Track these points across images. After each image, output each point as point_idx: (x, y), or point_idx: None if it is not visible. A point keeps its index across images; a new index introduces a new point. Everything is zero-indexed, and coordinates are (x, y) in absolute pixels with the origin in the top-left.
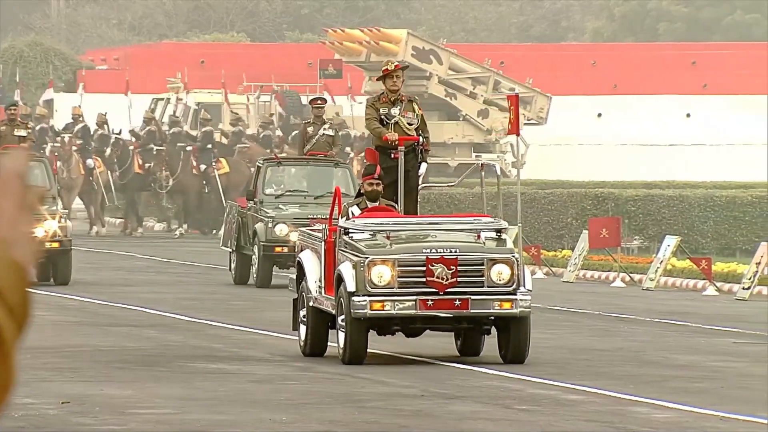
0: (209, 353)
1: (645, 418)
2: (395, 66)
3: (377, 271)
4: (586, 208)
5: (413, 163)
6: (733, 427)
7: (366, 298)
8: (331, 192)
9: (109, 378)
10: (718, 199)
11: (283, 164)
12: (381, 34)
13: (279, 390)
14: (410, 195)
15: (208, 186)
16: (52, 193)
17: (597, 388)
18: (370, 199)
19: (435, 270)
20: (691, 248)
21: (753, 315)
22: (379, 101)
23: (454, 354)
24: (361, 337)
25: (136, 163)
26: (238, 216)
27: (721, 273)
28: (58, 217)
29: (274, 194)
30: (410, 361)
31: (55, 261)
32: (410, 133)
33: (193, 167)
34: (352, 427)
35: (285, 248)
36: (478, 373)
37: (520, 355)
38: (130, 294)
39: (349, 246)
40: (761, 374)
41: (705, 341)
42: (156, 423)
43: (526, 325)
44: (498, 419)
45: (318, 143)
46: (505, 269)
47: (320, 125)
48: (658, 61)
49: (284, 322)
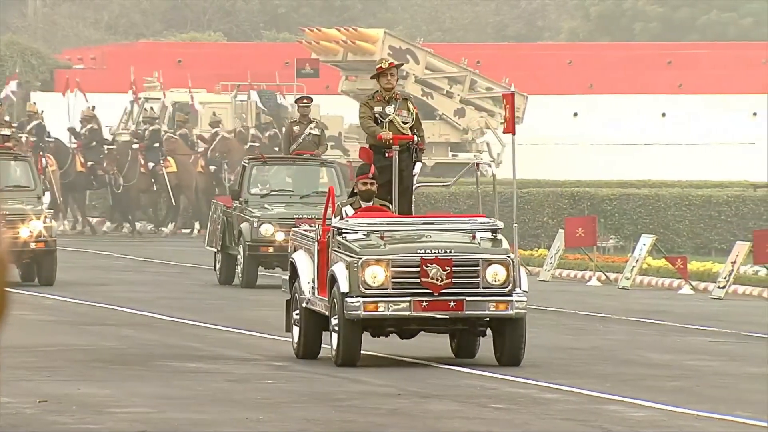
0: (186, 352)
1: (621, 417)
2: (389, 64)
3: (371, 271)
4: (562, 208)
5: (408, 163)
6: (708, 426)
7: (359, 299)
8: (317, 192)
9: (86, 377)
10: (693, 199)
11: (268, 164)
12: (358, 34)
13: (256, 389)
14: (405, 195)
15: (156, 184)
16: (36, 193)
17: (573, 386)
18: (364, 198)
19: (429, 271)
20: (666, 247)
21: (728, 314)
22: (374, 100)
23: (449, 355)
24: (354, 339)
25: (78, 162)
26: (223, 216)
27: (696, 272)
28: (43, 217)
29: (259, 194)
30: (388, 361)
31: (39, 261)
32: (405, 132)
33: (142, 166)
34: (329, 425)
35: (271, 248)
36: (455, 372)
37: (516, 357)
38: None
39: (343, 246)
40: (736, 373)
41: (680, 340)
42: (133, 422)
43: (521, 326)
44: (474, 418)
45: (304, 142)
46: (501, 270)
47: (306, 124)
48: (633, 61)
49: (262, 321)
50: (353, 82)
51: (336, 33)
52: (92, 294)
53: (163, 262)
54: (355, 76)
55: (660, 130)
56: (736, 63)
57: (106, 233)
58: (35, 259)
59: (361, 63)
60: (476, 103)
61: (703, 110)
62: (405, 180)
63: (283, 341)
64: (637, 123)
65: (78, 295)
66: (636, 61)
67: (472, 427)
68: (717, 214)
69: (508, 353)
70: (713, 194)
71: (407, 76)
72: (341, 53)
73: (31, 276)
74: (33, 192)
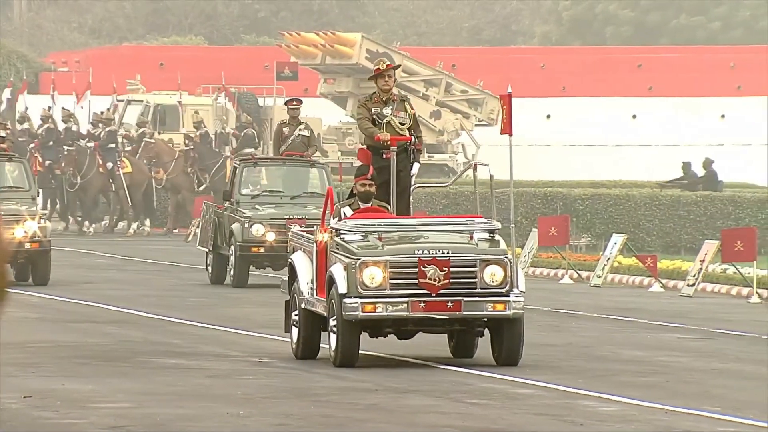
0: (168, 349)
1: (593, 411)
2: (387, 65)
3: (369, 272)
4: (535, 207)
5: (405, 164)
6: (678, 420)
7: (358, 299)
8: (307, 192)
9: (70, 373)
10: (663, 199)
11: (259, 165)
12: (336, 38)
13: (237, 385)
14: (402, 195)
15: (114, 184)
16: (31, 194)
17: (546, 382)
18: (363, 199)
19: (427, 271)
20: (637, 246)
21: (697, 311)
22: (371, 101)
23: (447, 355)
24: (352, 339)
25: (36, 162)
26: (214, 216)
27: (666, 270)
28: (38, 217)
29: (250, 194)
30: (365, 358)
31: (34, 261)
32: (402, 133)
33: (100, 166)
34: (307, 420)
35: (261, 248)
36: (431, 368)
37: (514, 357)
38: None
39: (341, 247)
40: (705, 369)
41: (651, 336)
42: (116, 417)
43: (519, 326)
44: (449, 413)
45: (294, 144)
46: (498, 270)
47: (296, 126)
48: (605, 64)
49: (243, 318)
50: (331, 84)
51: (315, 37)
52: (76, 292)
53: (145, 260)
54: (333, 79)
55: (631, 132)
56: (704, 66)
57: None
58: (30, 259)
59: (339, 66)
60: (451, 106)
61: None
62: (403, 181)
63: (263, 337)
64: (608, 125)
65: (63, 293)
66: (607, 64)
67: (448, 421)
68: (686, 214)
69: (506, 353)
70: (682, 194)
71: None
72: (320, 56)
73: (26, 276)
74: (28, 193)
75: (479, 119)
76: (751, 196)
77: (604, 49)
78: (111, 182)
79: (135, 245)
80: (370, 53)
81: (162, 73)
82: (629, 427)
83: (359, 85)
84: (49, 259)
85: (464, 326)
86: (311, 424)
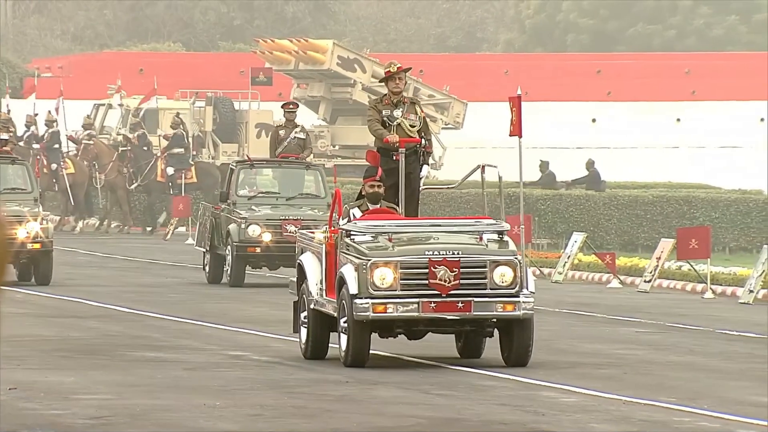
0: (147, 343)
1: (554, 402)
2: (398, 68)
3: (380, 273)
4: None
5: (415, 165)
6: (635, 410)
7: (368, 300)
8: (302, 194)
9: (53, 366)
10: (621, 199)
11: (255, 167)
12: (308, 44)
13: (213, 377)
14: (411, 197)
15: (57, 185)
16: (33, 195)
17: (509, 374)
18: (372, 201)
19: (437, 272)
20: (596, 244)
21: (654, 306)
22: (382, 103)
23: (455, 355)
24: (363, 340)
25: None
26: (211, 217)
27: (624, 267)
28: (40, 218)
29: (246, 196)
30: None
31: (36, 262)
32: (412, 135)
33: (45, 166)
34: (280, 410)
35: (258, 248)
36: (399, 360)
37: (523, 357)
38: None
39: (351, 248)
40: (661, 361)
41: (609, 330)
42: (97, 408)
43: (529, 327)
44: (417, 403)
45: (289, 146)
46: (508, 271)
47: (292, 129)
48: (565, 70)
49: (220, 313)
50: (304, 89)
51: (288, 44)
52: (59, 288)
53: (125, 258)
54: (306, 84)
55: (590, 135)
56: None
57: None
58: (32, 259)
59: (312, 72)
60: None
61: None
62: (412, 183)
63: (238, 331)
64: (568, 128)
65: (46, 290)
66: (568, 70)
67: (415, 412)
68: (643, 213)
69: (515, 354)
70: (639, 195)
71: (355, 84)
72: (293, 62)
73: (28, 276)
74: (30, 195)
75: (446, 122)
76: (705, 196)
77: (564, 55)
78: (55, 182)
79: (116, 243)
80: (341, 59)
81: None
82: (588, 416)
83: (331, 89)
84: (51, 259)
85: (474, 327)
86: (284, 414)
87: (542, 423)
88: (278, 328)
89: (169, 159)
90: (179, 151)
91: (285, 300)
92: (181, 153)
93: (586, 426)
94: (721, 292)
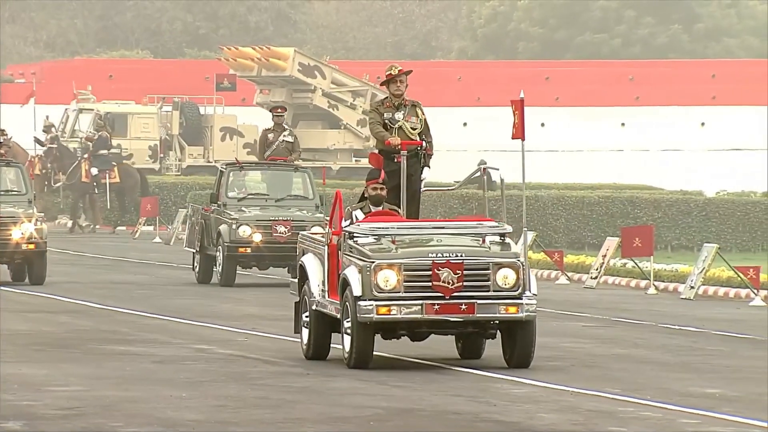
0: (117, 337)
1: (505, 393)
2: (399, 71)
3: (383, 275)
4: (453, 207)
5: (416, 168)
6: (582, 401)
7: (372, 302)
8: (290, 195)
9: (26, 359)
10: (568, 199)
11: (245, 169)
12: (271, 52)
13: (180, 370)
14: (413, 199)
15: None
16: (28, 197)
17: (463, 367)
18: (374, 203)
19: (441, 274)
20: (545, 242)
21: (599, 301)
22: (383, 105)
23: (455, 356)
24: (367, 341)
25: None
26: (201, 218)
27: (571, 264)
28: (34, 219)
29: (236, 197)
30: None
31: (30, 262)
32: (413, 138)
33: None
34: (244, 401)
35: (248, 249)
36: None
37: (526, 359)
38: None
39: (355, 250)
40: (606, 354)
41: (557, 324)
42: (69, 399)
43: (531, 329)
44: (375, 394)
45: (278, 149)
46: (511, 273)
47: (280, 132)
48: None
49: (186, 309)
50: (267, 95)
51: (251, 51)
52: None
53: (95, 255)
54: (268, 90)
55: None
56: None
57: None
58: (26, 259)
59: (274, 78)
60: None
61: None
62: (413, 185)
63: (202, 326)
64: None
65: (19, 286)
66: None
67: (373, 402)
68: (590, 213)
69: (518, 355)
70: (586, 195)
71: (315, 89)
72: (256, 69)
73: (22, 276)
74: (24, 196)
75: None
76: (648, 196)
77: (515, 63)
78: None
79: (87, 241)
80: (302, 66)
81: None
82: (537, 407)
83: (292, 95)
84: (45, 260)
85: (477, 328)
86: (247, 405)
87: (494, 413)
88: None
89: (93, 160)
90: (103, 152)
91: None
92: (104, 154)
93: (535, 416)
94: (663, 288)
